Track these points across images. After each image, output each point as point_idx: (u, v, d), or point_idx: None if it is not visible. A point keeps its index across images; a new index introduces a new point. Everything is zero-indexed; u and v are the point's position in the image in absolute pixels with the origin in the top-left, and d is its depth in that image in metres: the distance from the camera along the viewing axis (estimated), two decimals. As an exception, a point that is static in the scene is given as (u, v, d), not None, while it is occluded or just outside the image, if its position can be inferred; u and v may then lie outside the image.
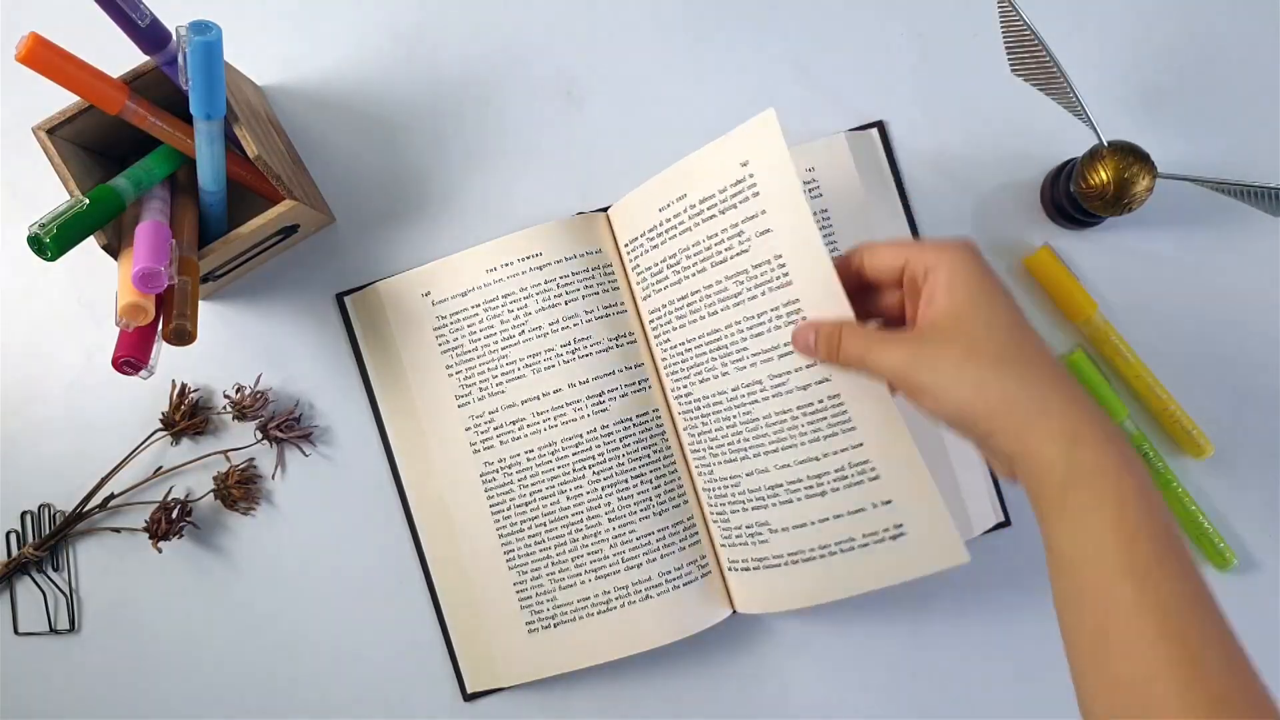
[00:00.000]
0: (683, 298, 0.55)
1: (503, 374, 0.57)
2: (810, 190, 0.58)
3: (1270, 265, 0.59)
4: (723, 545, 0.57)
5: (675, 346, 0.56)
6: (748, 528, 0.55)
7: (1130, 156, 0.53)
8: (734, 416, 0.54)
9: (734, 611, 0.58)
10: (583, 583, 0.57)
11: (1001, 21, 0.53)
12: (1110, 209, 0.54)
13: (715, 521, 0.57)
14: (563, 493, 0.57)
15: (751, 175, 0.51)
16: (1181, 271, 0.59)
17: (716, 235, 0.52)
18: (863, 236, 0.58)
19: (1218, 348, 0.59)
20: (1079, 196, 0.55)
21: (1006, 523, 0.59)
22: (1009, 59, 0.54)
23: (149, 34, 0.47)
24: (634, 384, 0.57)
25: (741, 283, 0.52)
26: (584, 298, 0.57)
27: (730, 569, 0.57)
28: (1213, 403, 0.59)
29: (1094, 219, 0.58)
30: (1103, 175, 0.53)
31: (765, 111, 0.50)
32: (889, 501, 0.50)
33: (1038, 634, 0.59)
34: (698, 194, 0.53)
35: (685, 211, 0.54)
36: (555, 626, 0.57)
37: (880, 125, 0.60)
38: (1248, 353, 0.59)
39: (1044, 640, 0.59)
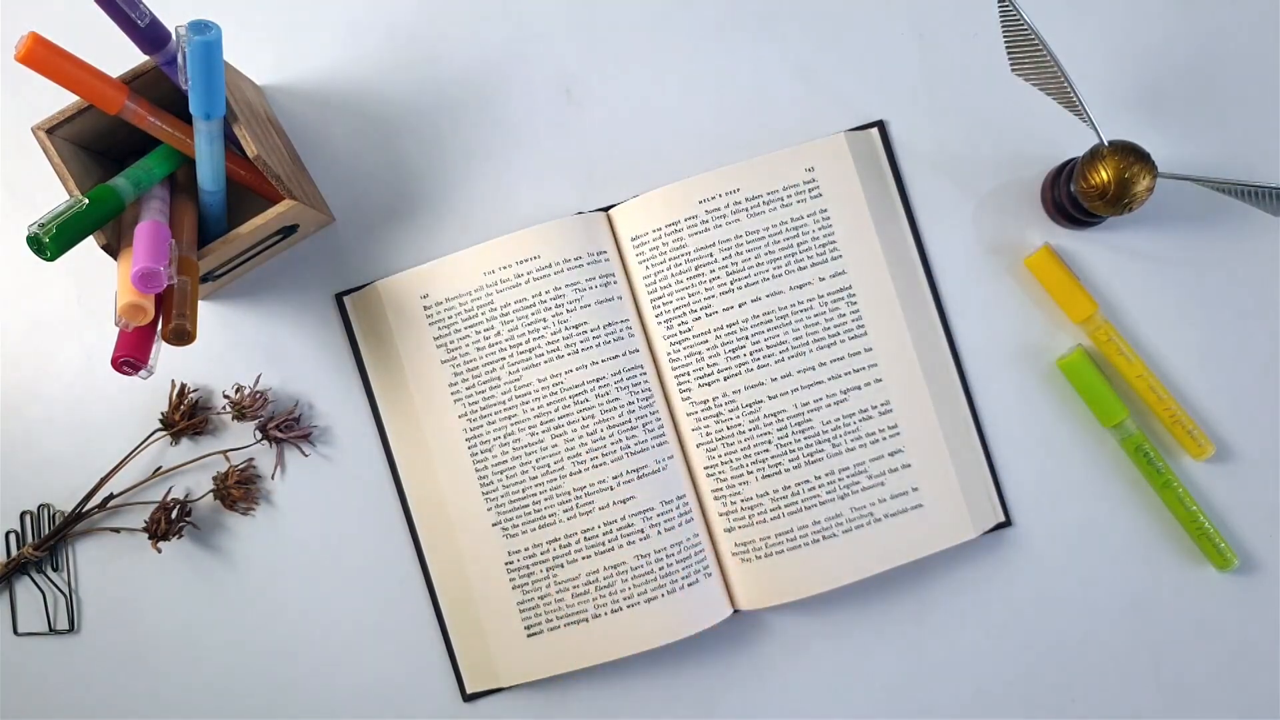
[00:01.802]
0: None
1: (501, 374, 0.58)
2: (810, 190, 0.58)
3: (1270, 265, 0.59)
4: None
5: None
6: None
7: (1130, 156, 0.53)
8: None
9: (735, 610, 0.58)
10: (582, 589, 0.57)
11: (1001, 21, 0.53)
12: (1111, 209, 0.54)
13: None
14: (562, 502, 0.57)
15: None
16: (1181, 271, 0.59)
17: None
18: (863, 236, 0.58)
19: (1218, 348, 0.59)
20: (1079, 196, 0.55)
21: (1007, 523, 0.59)
22: (1009, 59, 0.54)
23: (148, 34, 0.47)
24: (635, 382, 0.58)
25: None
26: (582, 298, 0.57)
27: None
28: (1213, 403, 0.59)
29: (1094, 219, 0.58)
30: (1103, 175, 0.53)
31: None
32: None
33: (1038, 634, 0.59)
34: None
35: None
36: (555, 629, 0.57)
37: (880, 125, 0.60)
38: (1248, 353, 0.59)
39: (1044, 640, 0.59)
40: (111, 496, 0.59)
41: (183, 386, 0.60)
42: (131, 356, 0.49)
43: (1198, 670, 0.58)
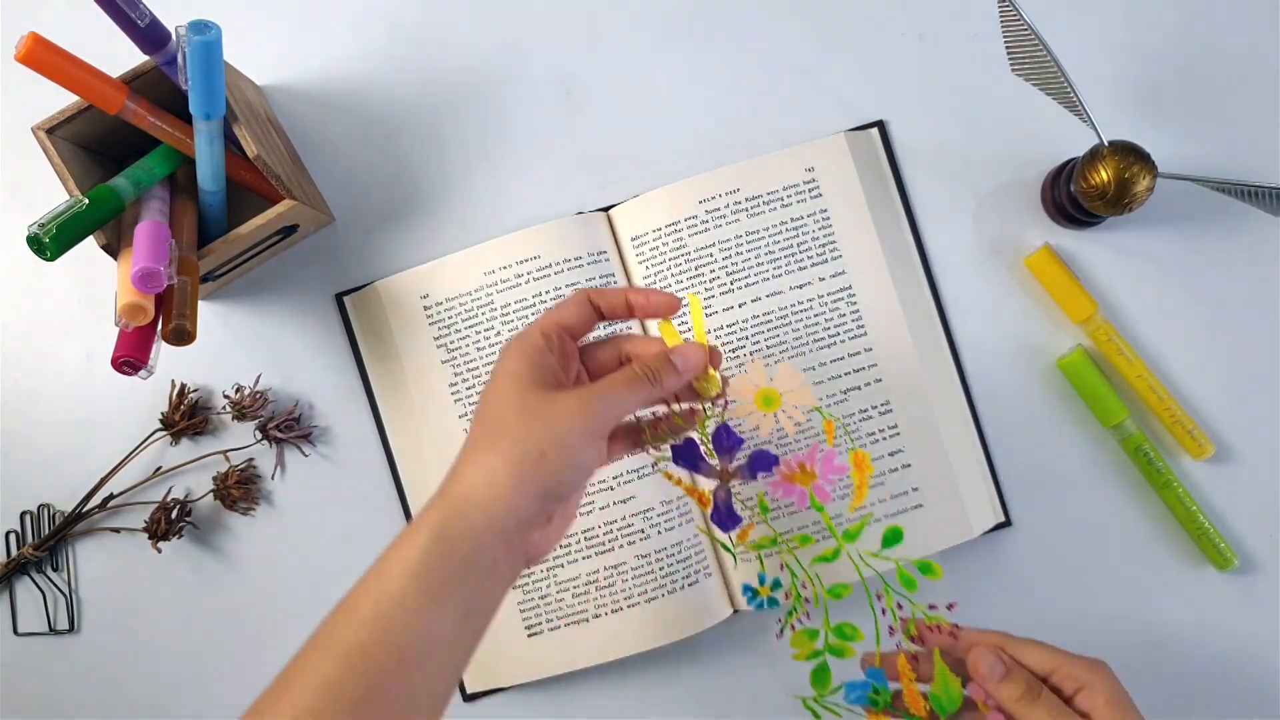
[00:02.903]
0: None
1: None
2: (810, 190, 0.58)
3: (1270, 265, 0.59)
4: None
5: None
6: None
7: (1130, 156, 0.53)
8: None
9: (735, 611, 0.58)
10: (583, 589, 0.57)
11: (1001, 21, 0.53)
12: (1111, 209, 0.54)
13: None
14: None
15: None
16: (1181, 271, 0.59)
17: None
18: (863, 236, 0.58)
19: (1218, 348, 0.59)
20: (1079, 196, 0.55)
21: (1007, 523, 0.59)
22: (1009, 59, 0.54)
23: (148, 34, 0.47)
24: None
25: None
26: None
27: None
28: (1213, 403, 0.59)
29: (1094, 219, 0.58)
30: (1103, 175, 0.53)
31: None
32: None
33: (1037, 634, 0.59)
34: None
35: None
36: (555, 629, 0.57)
37: (880, 125, 0.60)
38: (1248, 353, 0.59)
39: (1043, 640, 0.59)
40: (111, 496, 0.59)
41: (183, 386, 0.60)
42: (131, 356, 0.49)
43: (1198, 670, 0.58)
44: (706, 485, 0.48)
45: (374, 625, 0.37)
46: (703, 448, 0.48)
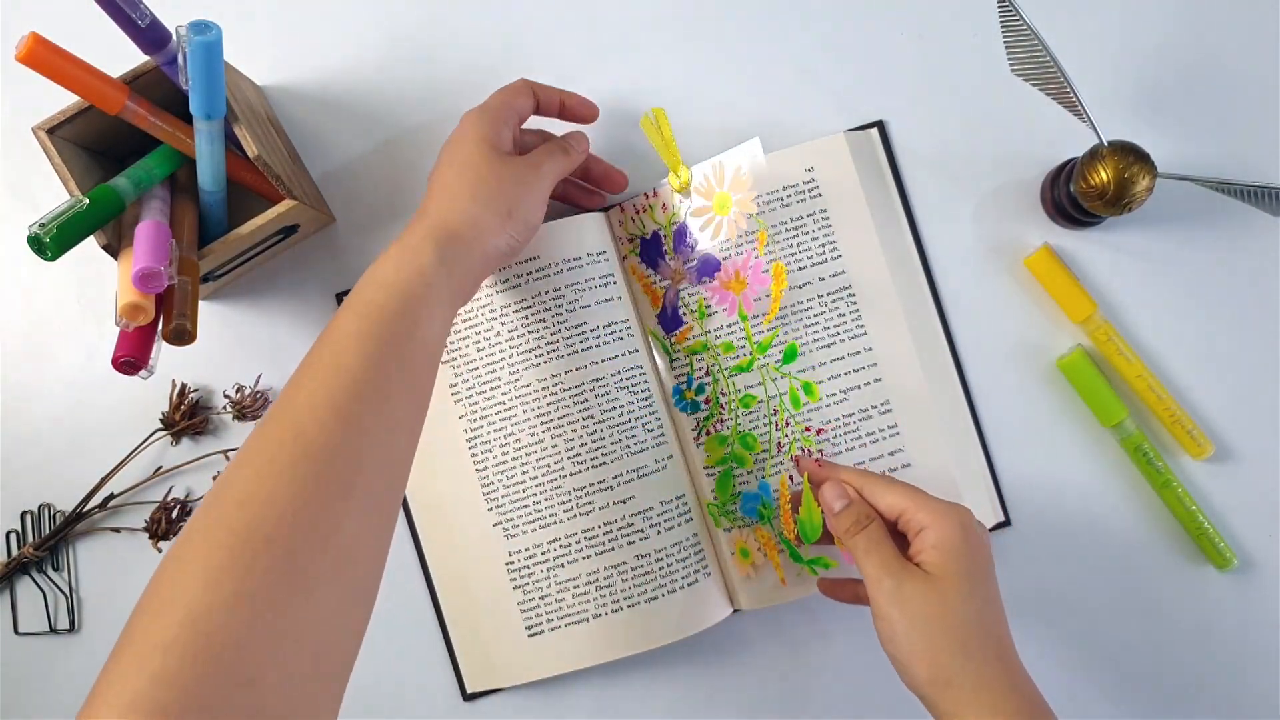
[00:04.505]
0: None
1: (501, 374, 0.57)
2: (810, 190, 0.58)
3: (1270, 265, 0.59)
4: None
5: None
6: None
7: (1130, 156, 0.53)
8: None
9: (735, 610, 0.58)
10: (583, 589, 0.57)
11: (1001, 21, 0.53)
12: (1110, 209, 0.54)
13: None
14: (563, 502, 0.57)
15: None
16: (1181, 271, 0.59)
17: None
18: (863, 236, 0.58)
19: (1218, 348, 0.59)
20: (1079, 196, 0.55)
21: (1007, 523, 0.59)
22: (1009, 59, 0.54)
23: (149, 34, 0.47)
24: (635, 382, 0.57)
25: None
26: (582, 298, 0.57)
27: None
28: (1213, 403, 0.59)
29: (1094, 219, 0.58)
30: (1103, 175, 0.53)
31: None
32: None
33: (1037, 634, 0.59)
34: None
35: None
36: (556, 629, 0.57)
37: (880, 125, 0.60)
38: (1248, 353, 0.59)
39: (1043, 640, 0.59)
40: (112, 496, 0.59)
41: (183, 386, 0.60)
42: (132, 356, 0.49)
43: (1198, 670, 0.58)
44: (660, 285, 0.57)
45: (402, 319, 0.43)
46: (665, 244, 0.55)
